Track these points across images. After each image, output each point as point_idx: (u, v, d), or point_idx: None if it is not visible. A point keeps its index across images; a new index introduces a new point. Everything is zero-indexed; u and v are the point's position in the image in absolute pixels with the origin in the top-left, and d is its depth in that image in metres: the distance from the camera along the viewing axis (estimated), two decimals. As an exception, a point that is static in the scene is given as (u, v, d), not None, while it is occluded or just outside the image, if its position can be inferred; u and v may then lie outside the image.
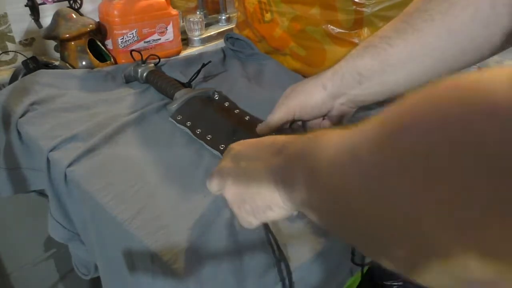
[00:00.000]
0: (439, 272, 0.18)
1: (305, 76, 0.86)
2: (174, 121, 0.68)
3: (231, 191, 0.39)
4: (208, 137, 0.63)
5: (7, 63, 0.98)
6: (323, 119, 0.59)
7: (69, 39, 0.88)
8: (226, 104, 0.71)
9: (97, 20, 0.94)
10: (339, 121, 0.58)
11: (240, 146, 0.42)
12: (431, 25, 0.48)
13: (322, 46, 0.81)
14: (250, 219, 0.39)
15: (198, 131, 0.65)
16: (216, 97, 0.73)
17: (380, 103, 0.57)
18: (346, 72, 0.54)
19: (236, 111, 0.70)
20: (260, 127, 0.59)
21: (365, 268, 0.54)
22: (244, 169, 0.38)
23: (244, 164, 0.39)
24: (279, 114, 0.57)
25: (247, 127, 0.65)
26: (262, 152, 0.37)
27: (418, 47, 0.50)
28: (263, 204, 0.36)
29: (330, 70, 0.55)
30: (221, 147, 0.61)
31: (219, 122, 0.66)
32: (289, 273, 0.44)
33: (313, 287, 0.46)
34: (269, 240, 0.46)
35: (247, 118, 0.67)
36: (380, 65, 0.52)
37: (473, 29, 0.47)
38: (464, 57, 0.50)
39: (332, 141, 0.27)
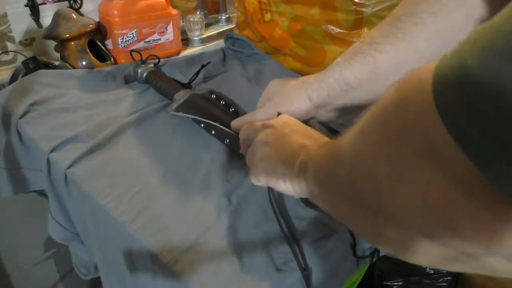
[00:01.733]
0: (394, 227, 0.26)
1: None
2: (175, 113, 0.67)
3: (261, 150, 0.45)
4: (213, 132, 0.64)
5: (7, 63, 0.98)
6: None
7: (69, 39, 0.88)
8: (222, 103, 0.72)
9: (97, 20, 0.94)
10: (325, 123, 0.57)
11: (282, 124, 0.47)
12: (422, 29, 0.47)
13: (322, 46, 0.81)
14: (261, 179, 0.45)
15: (202, 125, 0.65)
16: (213, 96, 0.73)
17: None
18: (334, 82, 0.52)
19: (232, 109, 0.70)
20: (236, 124, 0.59)
21: (367, 266, 0.54)
22: (283, 138, 0.44)
23: (287, 135, 0.45)
24: (261, 116, 0.56)
25: None
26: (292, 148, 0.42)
27: (408, 52, 0.48)
28: (281, 173, 0.42)
29: (316, 79, 0.53)
30: (226, 141, 0.62)
31: (218, 120, 0.67)
32: (300, 246, 0.47)
33: (313, 286, 0.46)
34: (273, 207, 0.50)
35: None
36: (370, 74, 0.50)
37: (467, 30, 0.45)
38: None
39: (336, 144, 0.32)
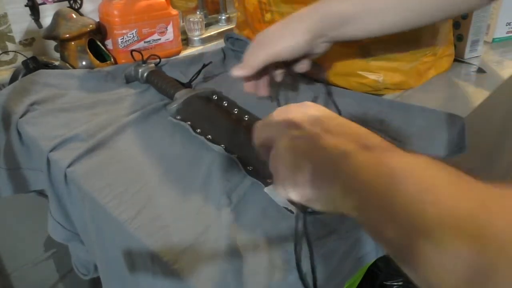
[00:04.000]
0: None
1: (303, 75, 0.86)
2: (173, 119, 0.68)
3: (294, 149, 0.36)
4: (208, 136, 0.63)
5: (7, 63, 0.98)
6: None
7: (69, 39, 0.88)
8: (225, 103, 0.71)
9: (97, 20, 0.94)
10: (317, 57, 0.63)
11: (328, 119, 0.37)
12: None
13: (322, 46, 0.81)
14: (291, 195, 0.36)
15: (198, 130, 0.65)
16: (215, 97, 0.72)
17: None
18: (332, 15, 0.56)
19: (235, 110, 0.69)
20: (237, 72, 0.60)
21: (367, 266, 0.54)
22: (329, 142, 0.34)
23: (331, 138, 0.34)
24: (260, 59, 0.57)
25: (246, 126, 0.65)
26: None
27: None
28: (328, 177, 0.32)
29: (314, 10, 0.57)
30: (222, 146, 0.61)
31: (218, 122, 0.66)
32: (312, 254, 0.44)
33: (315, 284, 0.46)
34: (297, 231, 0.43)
35: (246, 117, 0.67)
36: (364, 12, 0.55)
37: None
38: (441, 11, 0.55)
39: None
